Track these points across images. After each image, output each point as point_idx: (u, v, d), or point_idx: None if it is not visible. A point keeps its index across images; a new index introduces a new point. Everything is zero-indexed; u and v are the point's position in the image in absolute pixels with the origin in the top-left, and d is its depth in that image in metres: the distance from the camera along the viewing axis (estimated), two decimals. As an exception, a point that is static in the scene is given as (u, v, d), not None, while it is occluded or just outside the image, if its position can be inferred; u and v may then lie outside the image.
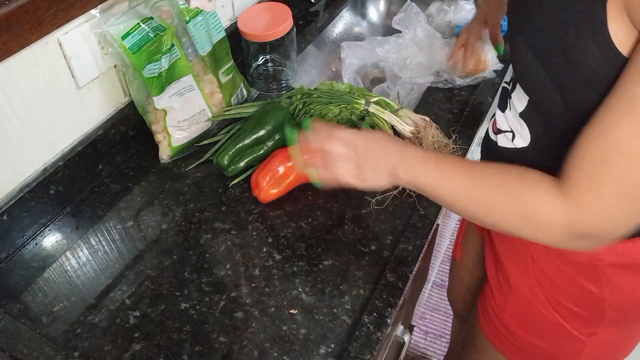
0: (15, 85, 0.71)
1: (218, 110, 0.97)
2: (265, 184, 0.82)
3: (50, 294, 0.74)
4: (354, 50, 1.13)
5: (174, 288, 0.74)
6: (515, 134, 0.70)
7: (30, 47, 0.70)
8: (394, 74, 1.08)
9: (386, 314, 0.70)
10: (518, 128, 0.69)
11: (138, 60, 0.80)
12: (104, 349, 0.68)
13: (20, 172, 0.78)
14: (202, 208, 0.85)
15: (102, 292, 0.74)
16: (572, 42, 0.53)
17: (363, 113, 0.94)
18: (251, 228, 0.82)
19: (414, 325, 1.61)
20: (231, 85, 0.98)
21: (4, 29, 0.64)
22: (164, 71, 0.83)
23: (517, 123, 0.69)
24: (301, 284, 0.74)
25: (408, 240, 0.79)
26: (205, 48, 0.88)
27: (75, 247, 0.80)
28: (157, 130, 0.91)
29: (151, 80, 0.82)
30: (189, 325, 0.70)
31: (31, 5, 0.66)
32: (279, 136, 0.89)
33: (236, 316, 0.71)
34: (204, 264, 0.77)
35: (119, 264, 0.77)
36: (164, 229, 0.82)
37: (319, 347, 0.67)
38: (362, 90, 0.99)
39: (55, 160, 0.82)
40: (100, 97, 0.86)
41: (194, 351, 0.67)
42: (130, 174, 0.91)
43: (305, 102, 0.97)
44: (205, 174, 0.91)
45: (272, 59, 1.07)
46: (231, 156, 0.87)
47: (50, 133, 0.80)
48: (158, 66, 0.82)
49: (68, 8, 0.72)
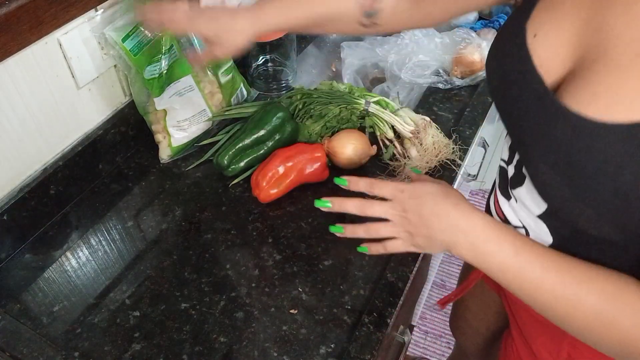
0: (15, 85, 0.71)
1: (218, 110, 0.97)
2: (265, 184, 0.82)
3: (50, 294, 0.74)
4: (354, 50, 1.13)
5: (174, 288, 0.74)
6: (530, 232, 0.59)
7: (30, 47, 0.70)
8: (394, 74, 1.08)
9: (386, 314, 0.70)
10: (533, 227, 0.58)
11: (139, 62, 0.80)
12: (104, 349, 0.68)
13: (20, 172, 0.78)
14: (202, 208, 0.85)
15: (102, 292, 0.74)
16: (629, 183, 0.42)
17: (363, 113, 0.94)
18: (251, 228, 0.82)
19: (414, 325, 1.61)
20: (231, 85, 0.98)
21: (4, 29, 0.64)
22: (163, 72, 0.83)
23: (531, 222, 0.58)
24: (301, 284, 0.74)
25: (408, 240, 0.78)
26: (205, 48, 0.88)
27: (75, 247, 0.80)
28: (157, 130, 0.91)
29: (151, 81, 0.82)
30: (189, 325, 0.70)
31: (31, 5, 0.66)
32: (279, 136, 0.89)
33: (236, 316, 0.71)
34: (204, 264, 0.77)
35: (119, 264, 0.77)
36: (164, 229, 0.82)
37: (319, 347, 0.67)
38: (362, 90, 0.99)
39: (55, 160, 0.82)
40: (100, 97, 0.86)
41: (194, 351, 0.67)
42: (130, 174, 0.91)
43: (305, 102, 0.97)
44: (205, 174, 0.91)
45: (272, 59, 1.07)
46: (231, 156, 0.87)
47: (50, 133, 0.80)
48: (158, 67, 0.82)
49: (68, 8, 0.72)
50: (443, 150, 0.89)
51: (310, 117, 0.95)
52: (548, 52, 0.49)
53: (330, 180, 0.88)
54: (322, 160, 0.85)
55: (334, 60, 1.26)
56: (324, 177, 0.87)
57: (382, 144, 0.93)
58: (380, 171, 0.90)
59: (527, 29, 0.50)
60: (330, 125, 0.94)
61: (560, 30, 0.48)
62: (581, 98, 0.44)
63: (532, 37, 0.50)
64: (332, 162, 0.90)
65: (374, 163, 0.92)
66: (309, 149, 0.85)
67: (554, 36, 0.48)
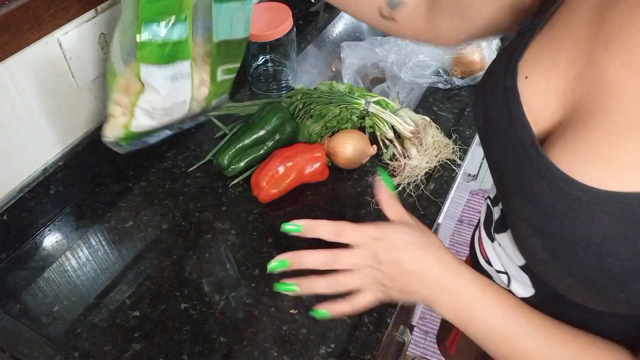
0: (15, 85, 0.71)
1: (196, 105, 0.80)
2: (265, 184, 0.82)
3: (50, 294, 0.74)
4: (354, 50, 1.13)
5: (174, 288, 0.74)
6: (512, 279, 0.56)
7: (30, 47, 0.70)
8: (394, 74, 1.08)
9: (386, 314, 0.70)
10: (515, 275, 0.55)
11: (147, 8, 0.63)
12: (104, 349, 0.68)
13: (20, 172, 0.78)
14: (202, 208, 0.85)
15: (102, 292, 0.74)
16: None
17: (363, 113, 0.94)
18: (251, 228, 0.82)
19: (414, 325, 1.61)
20: (223, 87, 0.83)
21: (4, 29, 0.64)
22: (170, 42, 0.66)
23: (513, 270, 0.55)
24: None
25: (408, 240, 0.78)
26: (220, 36, 0.74)
27: (75, 247, 0.80)
28: (117, 101, 0.72)
29: (149, 45, 0.65)
30: (189, 325, 0.70)
31: (31, 5, 0.66)
32: (279, 136, 0.89)
33: (236, 316, 0.71)
34: (204, 264, 0.77)
35: (119, 264, 0.77)
36: (164, 229, 0.82)
37: (319, 347, 0.67)
38: (362, 90, 0.99)
39: (55, 160, 0.82)
40: (100, 97, 0.86)
41: (194, 351, 0.67)
42: (130, 174, 0.91)
43: (305, 102, 0.97)
44: (205, 174, 0.91)
45: (272, 59, 1.07)
46: (231, 156, 0.87)
47: (50, 133, 0.80)
48: (166, 31, 0.65)
49: (68, 8, 0.72)
50: (443, 150, 0.89)
51: (310, 117, 0.95)
52: (538, 98, 0.43)
53: (330, 180, 0.88)
54: (322, 160, 0.85)
55: (334, 60, 1.26)
56: (324, 177, 0.87)
57: (382, 144, 0.93)
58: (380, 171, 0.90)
59: (519, 69, 0.45)
60: (330, 125, 0.94)
61: (553, 75, 0.43)
62: (570, 157, 0.39)
63: (523, 78, 0.45)
64: (332, 162, 0.90)
65: (374, 163, 0.92)
66: (309, 149, 0.85)
67: (546, 81, 0.43)
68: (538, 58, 0.44)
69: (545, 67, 0.43)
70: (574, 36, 0.42)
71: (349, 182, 0.89)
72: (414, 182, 0.87)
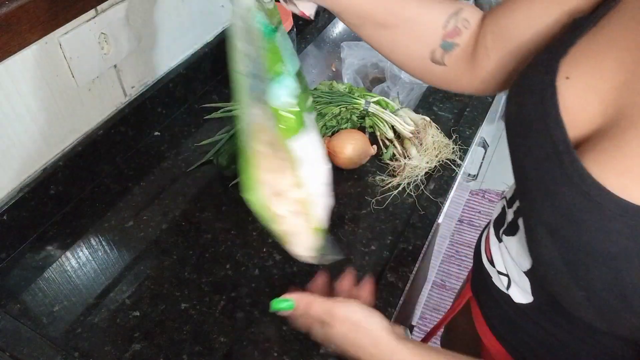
0: (15, 85, 0.71)
1: None
2: (265, 184, 0.82)
3: (50, 294, 0.74)
4: (354, 50, 1.13)
5: (174, 288, 0.74)
6: (512, 282, 0.57)
7: (30, 47, 0.70)
8: (394, 74, 1.08)
9: (386, 314, 0.70)
10: (516, 279, 0.56)
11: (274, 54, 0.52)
12: (104, 349, 0.68)
13: (20, 172, 0.78)
14: (202, 208, 0.85)
15: (102, 292, 0.74)
16: None
17: (363, 113, 0.94)
18: (251, 228, 0.82)
19: (414, 325, 1.61)
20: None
21: (4, 29, 0.64)
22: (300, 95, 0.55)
23: (515, 274, 0.56)
24: (302, 283, 0.74)
25: (408, 240, 0.78)
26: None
27: (75, 247, 0.80)
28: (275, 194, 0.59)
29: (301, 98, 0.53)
30: (189, 325, 0.70)
31: (31, 5, 0.66)
32: (279, 136, 0.89)
33: (236, 316, 0.71)
34: (204, 264, 0.77)
35: (119, 264, 0.77)
36: (164, 229, 0.82)
37: (319, 347, 0.67)
38: (362, 90, 0.99)
39: (55, 160, 0.82)
40: (100, 97, 0.86)
41: (194, 351, 0.67)
42: (130, 174, 0.91)
43: (305, 102, 0.97)
44: (205, 174, 0.91)
45: (272, 59, 1.06)
46: (231, 156, 0.87)
47: (50, 133, 0.80)
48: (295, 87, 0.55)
49: (68, 8, 0.72)
50: (443, 150, 0.89)
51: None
52: (578, 100, 0.41)
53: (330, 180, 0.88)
54: (322, 160, 0.85)
55: (334, 60, 1.26)
56: (324, 177, 0.87)
57: (382, 144, 0.93)
58: (381, 171, 0.90)
59: (560, 67, 0.43)
60: (330, 125, 0.94)
61: (598, 79, 0.41)
62: (603, 165, 0.38)
63: (563, 78, 0.43)
64: (332, 162, 0.90)
65: (374, 163, 0.92)
66: (309, 149, 0.85)
67: (588, 84, 0.41)
68: (583, 58, 0.43)
69: (589, 69, 0.42)
70: (622, 42, 0.40)
71: (349, 182, 0.89)
72: (414, 182, 0.87)
